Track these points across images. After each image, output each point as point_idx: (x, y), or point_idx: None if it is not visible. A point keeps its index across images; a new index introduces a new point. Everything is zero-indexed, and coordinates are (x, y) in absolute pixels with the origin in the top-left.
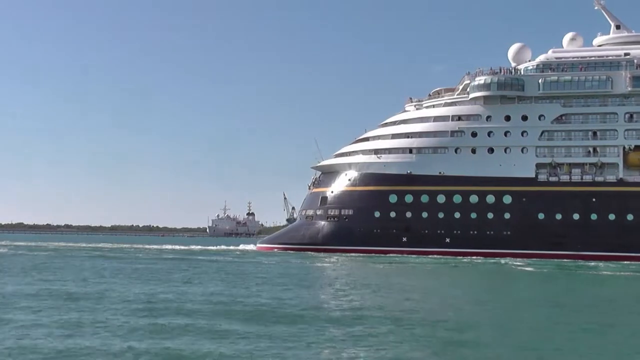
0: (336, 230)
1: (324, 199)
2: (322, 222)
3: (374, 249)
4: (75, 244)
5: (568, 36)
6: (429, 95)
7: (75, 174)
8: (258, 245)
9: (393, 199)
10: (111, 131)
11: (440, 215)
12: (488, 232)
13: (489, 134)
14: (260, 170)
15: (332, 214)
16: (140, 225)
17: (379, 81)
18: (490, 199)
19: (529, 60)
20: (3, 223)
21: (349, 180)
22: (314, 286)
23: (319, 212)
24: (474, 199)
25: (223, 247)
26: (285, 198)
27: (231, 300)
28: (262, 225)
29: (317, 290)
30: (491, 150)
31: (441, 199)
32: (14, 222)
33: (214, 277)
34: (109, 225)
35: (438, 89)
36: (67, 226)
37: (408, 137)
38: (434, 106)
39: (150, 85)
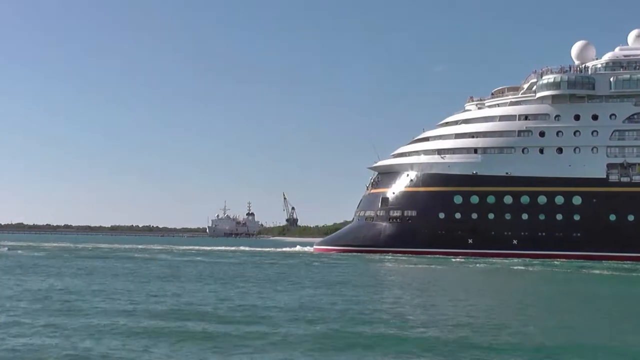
0: (399, 232)
1: (385, 199)
2: (384, 224)
3: (438, 251)
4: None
5: (634, 33)
6: (492, 94)
7: (75, 174)
8: (315, 247)
9: (458, 199)
10: (111, 131)
11: (508, 216)
12: (557, 234)
13: (557, 133)
14: (260, 171)
15: (394, 215)
16: (140, 226)
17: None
18: (560, 199)
19: (595, 58)
20: (3, 223)
21: (411, 180)
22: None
23: (380, 214)
24: (542, 199)
25: (286, 249)
26: (285, 198)
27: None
28: (262, 225)
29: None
30: (560, 150)
31: (508, 199)
32: (14, 222)
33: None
34: (109, 225)
35: (501, 87)
36: (67, 226)
37: (473, 137)
38: (498, 105)
39: (150, 86)
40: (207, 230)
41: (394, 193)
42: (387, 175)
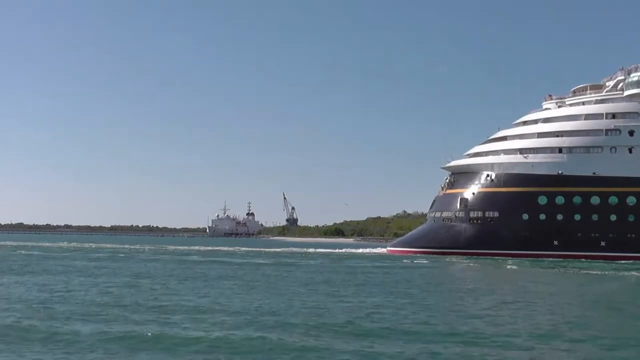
0: (480, 234)
1: (464, 200)
2: (464, 225)
3: (522, 253)
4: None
5: None
6: (572, 92)
7: (74, 173)
8: (389, 248)
9: (542, 200)
10: (110, 131)
11: (595, 217)
12: None
13: None
14: (260, 171)
15: (474, 216)
16: (140, 226)
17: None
18: None
19: None
20: (3, 223)
21: (492, 180)
22: None
23: (458, 215)
24: (631, 200)
25: (360, 250)
26: (285, 198)
27: None
28: (261, 225)
29: None
30: None
31: (595, 200)
32: (13, 222)
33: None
34: (109, 225)
35: (582, 85)
36: (67, 226)
37: (557, 135)
38: (583, 103)
39: (150, 85)
40: (207, 230)
41: (473, 193)
42: (464, 175)
